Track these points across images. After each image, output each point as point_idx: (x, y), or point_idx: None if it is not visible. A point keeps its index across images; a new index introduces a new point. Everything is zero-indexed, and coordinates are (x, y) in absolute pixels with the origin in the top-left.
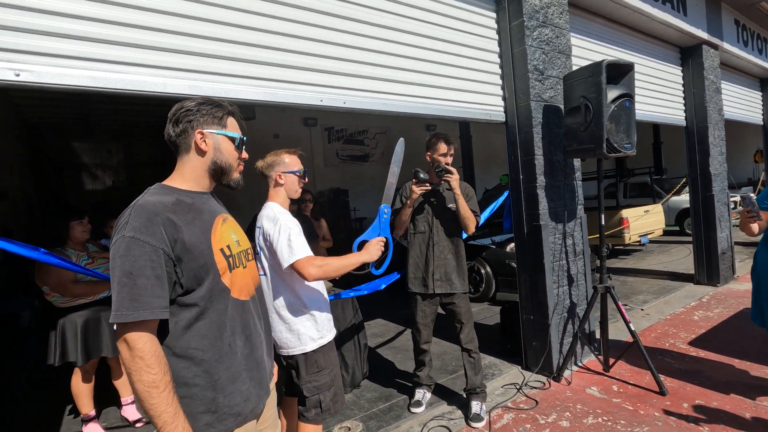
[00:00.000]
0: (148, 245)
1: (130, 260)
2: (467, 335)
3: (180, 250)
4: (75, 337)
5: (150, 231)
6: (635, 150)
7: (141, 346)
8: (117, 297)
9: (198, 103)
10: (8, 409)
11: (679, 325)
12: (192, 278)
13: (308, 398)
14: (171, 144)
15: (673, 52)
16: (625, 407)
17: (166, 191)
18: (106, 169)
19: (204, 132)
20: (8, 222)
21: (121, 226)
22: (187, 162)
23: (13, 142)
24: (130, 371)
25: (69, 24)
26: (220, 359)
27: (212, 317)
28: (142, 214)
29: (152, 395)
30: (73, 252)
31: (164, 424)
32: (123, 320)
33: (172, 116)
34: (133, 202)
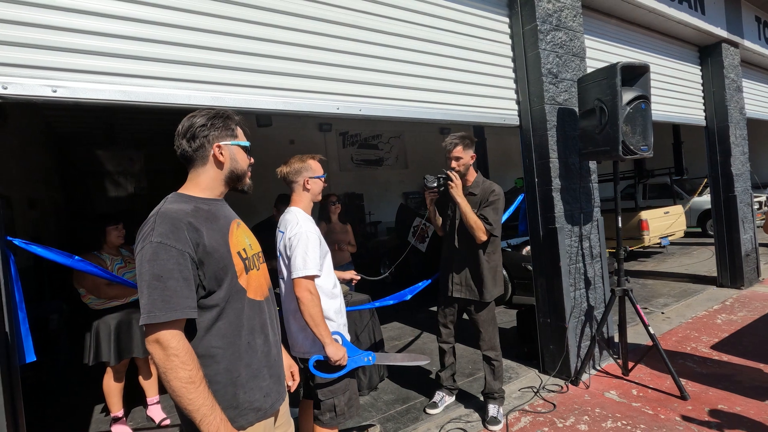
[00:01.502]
0: (175, 249)
1: (159, 264)
2: (487, 342)
3: (202, 253)
4: (108, 338)
5: (175, 236)
6: (652, 152)
7: (175, 345)
8: (148, 299)
9: (209, 117)
10: (41, 408)
11: (701, 329)
12: (213, 280)
13: (323, 402)
14: (185, 157)
15: (692, 51)
16: (645, 411)
17: (184, 199)
18: (128, 176)
19: (221, 145)
20: (38, 229)
21: (146, 233)
22: (203, 173)
23: (43, 152)
24: (165, 370)
25: (100, 42)
26: (239, 357)
27: (230, 317)
28: (166, 221)
29: (190, 391)
30: (108, 256)
31: (203, 417)
32: (156, 321)
33: (186, 132)
34: (154, 210)
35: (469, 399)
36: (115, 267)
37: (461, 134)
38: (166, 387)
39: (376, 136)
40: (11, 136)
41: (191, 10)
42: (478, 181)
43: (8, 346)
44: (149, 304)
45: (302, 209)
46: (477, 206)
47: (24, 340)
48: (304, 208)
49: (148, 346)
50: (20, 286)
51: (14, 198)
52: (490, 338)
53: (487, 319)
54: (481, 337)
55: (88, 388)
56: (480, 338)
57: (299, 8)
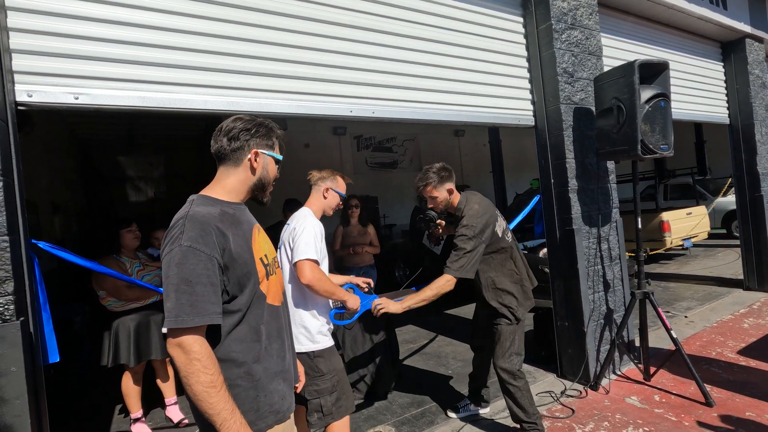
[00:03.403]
0: (204, 254)
1: (188, 268)
2: (497, 355)
3: (228, 258)
4: (128, 340)
5: (204, 240)
6: (672, 151)
7: (197, 349)
8: (175, 303)
9: (254, 124)
10: (64, 408)
11: (726, 333)
12: (236, 285)
13: (309, 401)
14: (220, 155)
15: (713, 48)
16: (668, 418)
17: (209, 202)
18: (148, 181)
19: (258, 152)
20: (62, 232)
21: (175, 237)
22: (233, 175)
23: (67, 158)
24: (187, 374)
25: (119, 49)
26: (258, 360)
27: (250, 322)
28: (195, 225)
29: (211, 395)
30: (127, 259)
31: (224, 421)
32: (183, 325)
33: (229, 131)
34: (181, 212)
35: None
36: (135, 270)
37: (429, 170)
38: (186, 391)
39: (390, 139)
40: (37, 143)
41: (207, 17)
42: (461, 204)
43: (33, 346)
44: (176, 308)
45: (312, 210)
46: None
47: (48, 340)
48: (315, 211)
49: (169, 349)
50: (44, 287)
51: (39, 202)
52: (503, 353)
53: (502, 334)
54: (494, 350)
55: (110, 388)
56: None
57: (312, 12)
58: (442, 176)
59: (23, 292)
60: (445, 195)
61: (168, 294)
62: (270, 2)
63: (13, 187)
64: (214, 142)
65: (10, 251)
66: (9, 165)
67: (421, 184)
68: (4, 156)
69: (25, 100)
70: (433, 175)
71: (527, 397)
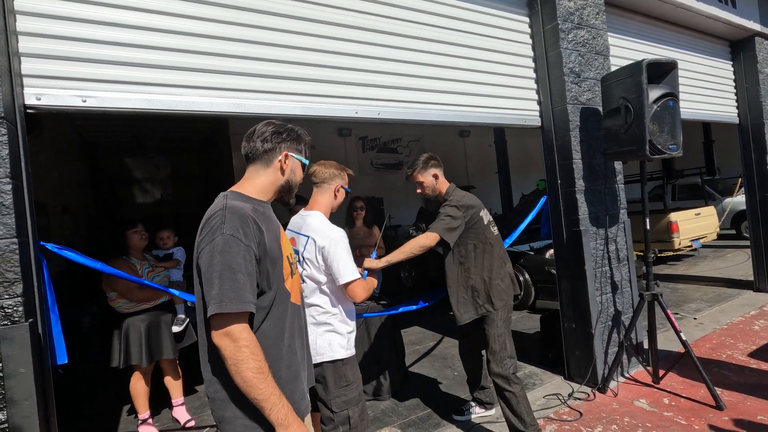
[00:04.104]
0: (243, 244)
1: (231, 256)
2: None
3: (261, 251)
4: (139, 341)
5: (244, 231)
6: (681, 151)
7: (246, 336)
8: (219, 290)
9: (285, 128)
10: (73, 408)
11: (737, 336)
12: (265, 280)
13: (336, 414)
14: (252, 156)
15: (722, 46)
16: (677, 421)
17: (242, 198)
18: (155, 182)
19: (288, 155)
20: (71, 234)
21: (216, 226)
22: (264, 175)
23: (75, 160)
24: (236, 361)
25: (126, 52)
26: (281, 358)
27: (274, 320)
28: (236, 216)
29: (260, 380)
30: (137, 261)
31: (273, 406)
32: (227, 310)
33: (261, 135)
34: (218, 205)
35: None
36: (144, 271)
37: (417, 159)
38: (235, 379)
39: (395, 140)
40: (46, 146)
41: (212, 19)
42: (450, 191)
43: (41, 348)
44: (221, 293)
45: (323, 213)
46: None
47: (56, 342)
48: (325, 212)
49: (216, 339)
50: (53, 289)
51: (49, 205)
52: (493, 357)
53: (491, 336)
54: (486, 357)
55: (117, 389)
56: (486, 358)
57: (317, 14)
58: (427, 163)
59: (32, 293)
60: (431, 180)
61: (211, 281)
62: (274, 4)
63: (21, 190)
64: (246, 143)
65: (19, 253)
66: (18, 167)
67: (409, 171)
68: (13, 159)
69: (34, 103)
70: (419, 161)
71: (524, 404)
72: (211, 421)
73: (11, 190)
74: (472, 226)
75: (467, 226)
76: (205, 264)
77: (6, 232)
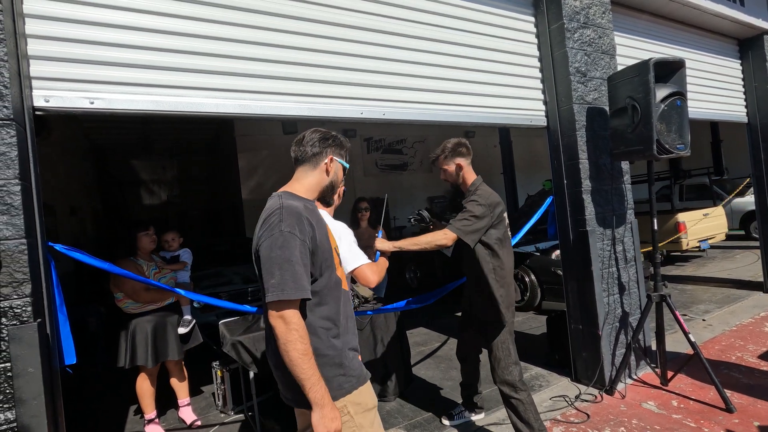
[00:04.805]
0: (299, 239)
1: (289, 250)
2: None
3: (313, 245)
4: (145, 342)
5: (300, 228)
6: (689, 150)
7: (297, 320)
8: (279, 279)
9: (331, 135)
10: (81, 408)
11: (747, 337)
12: (318, 269)
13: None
14: (301, 158)
15: (730, 45)
16: (686, 424)
17: (295, 198)
18: (161, 184)
19: (333, 158)
20: (78, 235)
21: (275, 224)
22: (311, 176)
23: (83, 162)
24: (286, 341)
25: (133, 54)
26: (339, 336)
27: (331, 303)
28: (292, 214)
29: (304, 361)
30: (144, 262)
31: (313, 385)
32: (287, 297)
33: (310, 140)
34: (274, 204)
35: (499, 405)
36: (151, 272)
37: (446, 143)
38: (284, 356)
39: (400, 141)
40: (55, 148)
41: (218, 21)
42: (476, 184)
43: (49, 348)
44: (281, 283)
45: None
46: None
47: (64, 342)
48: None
49: (271, 320)
50: (61, 290)
51: (57, 206)
52: (497, 365)
53: (496, 342)
54: (491, 364)
55: (124, 389)
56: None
57: (322, 15)
58: (455, 150)
59: (40, 294)
60: (454, 169)
61: (271, 272)
62: (278, 6)
63: (30, 191)
64: (296, 147)
65: (27, 254)
66: (27, 169)
67: (434, 155)
68: (22, 160)
69: (43, 105)
70: (447, 147)
71: (531, 410)
72: (217, 420)
73: (20, 191)
74: (497, 225)
75: (492, 224)
76: (265, 256)
77: (15, 232)
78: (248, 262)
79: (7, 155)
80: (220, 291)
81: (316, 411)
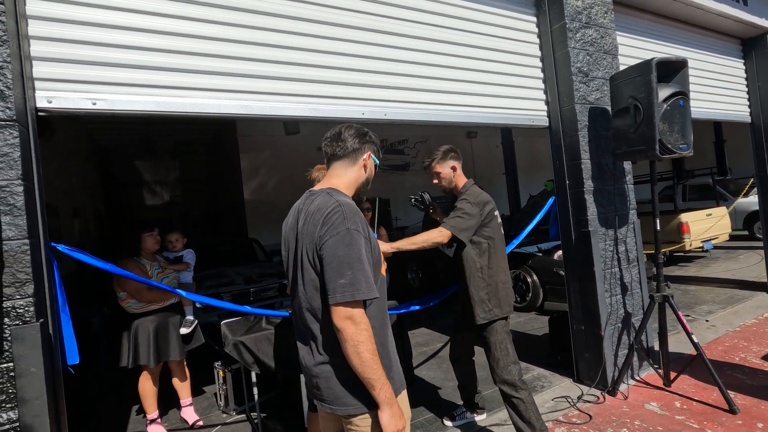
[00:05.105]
0: (362, 237)
1: (357, 248)
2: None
3: (368, 243)
4: (147, 341)
5: (362, 225)
6: (692, 150)
7: (366, 321)
8: (352, 279)
9: (366, 132)
10: (83, 408)
11: (750, 338)
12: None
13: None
14: (339, 154)
15: (734, 44)
16: (689, 425)
17: (344, 195)
18: (164, 185)
19: (370, 154)
20: (81, 235)
21: (339, 221)
22: (350, 172)
23: (86, 163)
24: (357, 342)
25: (135, 55)
26: (386, 335)
27: (378, 302)
28: (353, 211)
29: (375, 360)
30: (147, 261)
31: (382, 386)
32: (360, 297)
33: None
34: (328, 201)
35: (501, 406)
36: (154, 272)
37: (436, 149)
38: (353, 359)
39: (401, 141)
40: (58, 149)
41: (219, 22)
42: (467, 186)
43: (52, 348)
44: (354, 282)
45: None
46: None
47: (67, 342)
48: None
49: (338, 322)
50: (63, 290)
51: (60, 207)
52: (495, 364)
53: (493, 343)
54: (490, 365)
55: (126, 389)
56: (489, 367)
57: (323, 15)
58: (446, 154)
59: (43, 294)
60: (449, 171)
61: (341, 271)
62: (281, 6)
63: (33, 192)
64: (333, 143)
65: (30, 254)
66: (30, 170)
67: (428, 160)
68: (24, 161)
69: (45, 106)
70: (438, 151)
71: (532, 409)
72: (219, 420)
73: (23, 192)
74: (488, 224)
75: (482, 223)
76: (330, 255)
77: (18, 233)
78: (250, 263)
79: (10, 156)
80: (222, 291)
81: (386, 410)
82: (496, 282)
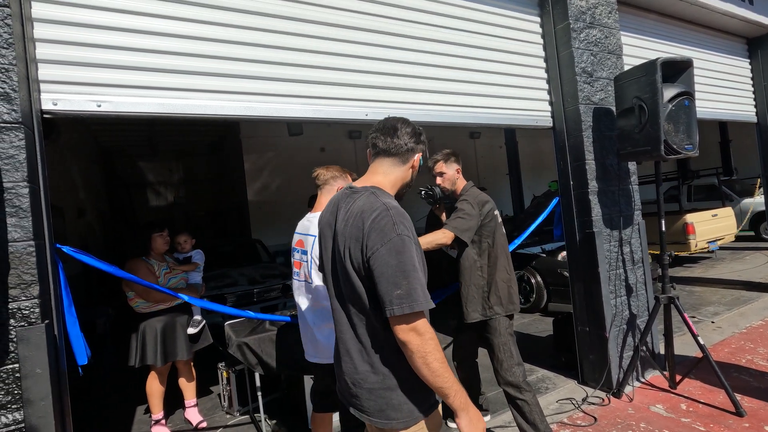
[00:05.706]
0: (413, 243)
1: (410, 255)
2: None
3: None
4: (154, 341)
5: (412, 230)
6: (697, 151)
7: (430, 330)
8: (407, 289)
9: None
10: (88, 408)
11: (757, 340)
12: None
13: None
14: (393, 151)
15: (739, 44)
16: (695, 428)
17: (389, 196)
18: (168, 186)
19: (419, 156)
20: (86, 236)
21: (389, 227)
22: (399, 171)
23: (90, 164)
24: (425, 353)
25: (139, 57)
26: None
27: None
28: (402, 216)
29: (444, 369)
30: (155, 262)
31: (456, 393)
32: (421, 308)
33: (406, 133)
34: (374, 203)
35: (505, 407)
36: (162, 273)
37: (440, 152)
38: (422, 370)
39: None
40: (63, 151)
41: (224, 24)
42: (466, 188)
43: (57, 349)
44: (411, 293)
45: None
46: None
47: (75, 343)
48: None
49: (402, 335)
50: (69, 291)
51: (65, 208)
52: (499, 365)
53: (496, 344)
54: (494, 367)
55: (131, 390)
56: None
57: (327, 17)
58: (451, 157)
59: (48, 295)
60: (453, 173)
61: (396, 282)
62: (284, 8)
63: (38, 193)
64: (386, 137)
65: (35, 255)
66: (35, 172)
67: (436, 158)
68: (30, 163)
69: (50, 108)
70: (443, 152)
71: (537, 411)
72: (223, 421)
73: (28, 193)
74: (487, 224)
75: (482, 223)
76: (383, 264)
77: (23, 234)
78: (253, 263)
79: (16, 158)
80: (226, 292)
81: (463, 417)
82: (496, 280)
